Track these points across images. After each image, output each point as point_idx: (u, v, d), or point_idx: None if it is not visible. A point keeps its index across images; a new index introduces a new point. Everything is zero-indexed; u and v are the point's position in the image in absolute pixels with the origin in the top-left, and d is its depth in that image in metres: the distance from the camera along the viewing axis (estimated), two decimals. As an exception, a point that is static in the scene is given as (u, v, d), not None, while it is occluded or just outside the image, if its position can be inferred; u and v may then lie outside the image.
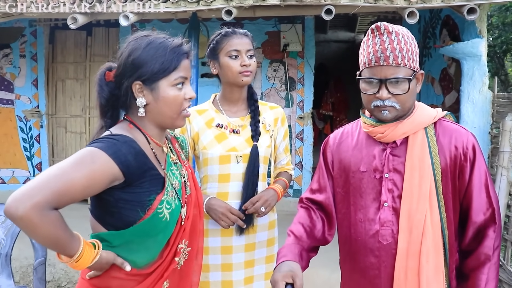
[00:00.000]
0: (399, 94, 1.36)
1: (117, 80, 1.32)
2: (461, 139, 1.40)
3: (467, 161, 1.38)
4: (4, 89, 5.91)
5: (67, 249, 1.18)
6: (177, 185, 1.38)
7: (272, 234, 2.03)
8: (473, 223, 1.38)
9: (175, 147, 1.52)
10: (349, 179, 1.50)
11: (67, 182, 1.13)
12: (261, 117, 1.99)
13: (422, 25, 5.19)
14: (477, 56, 3.61)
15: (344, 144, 1.55)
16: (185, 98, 1.33)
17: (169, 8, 3.21)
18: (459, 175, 1.39)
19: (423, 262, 1.36)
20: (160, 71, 1.28)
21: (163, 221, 1.30)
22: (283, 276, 1.32)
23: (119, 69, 1.32)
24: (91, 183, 1.17)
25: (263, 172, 1.98)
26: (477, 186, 1.38)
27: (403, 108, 1.39)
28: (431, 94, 4.90)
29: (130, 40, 1.34)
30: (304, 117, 5.62)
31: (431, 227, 1.37)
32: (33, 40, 5.84)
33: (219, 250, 1.93)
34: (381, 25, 1.38)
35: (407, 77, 1.35)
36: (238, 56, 1.88)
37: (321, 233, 1.56)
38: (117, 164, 1.20)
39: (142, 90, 1.30)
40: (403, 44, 1.35)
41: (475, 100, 3.68)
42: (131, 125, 1.33)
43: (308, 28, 5.56)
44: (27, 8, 3.24)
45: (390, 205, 1.42)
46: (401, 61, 1.34)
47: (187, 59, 1.35)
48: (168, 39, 1.33)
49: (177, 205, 1.35)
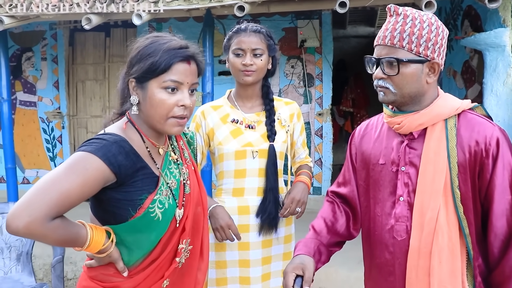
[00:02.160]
0: (392, 76, 1.31)
1: (124, 76, 1.34)
2: (484, 134, 1.29)
3: (488, 158, 1.27)
4: (27, 91, 6.04)
5: (77, 243, 1.23)
6: (175, 184, 1.36)
7: (289, 230, 2.02)
8: (494, 228, 1.27)
9: (179, 144, 1.50)
10: (369, 171, 1.48)
11: (63, 193, 1.15)
12: (277, 112, 1.99)
13: (443, 17, 5.05)
14: (501, 47, 3.47)
15: (368, 136, 1.53)
16: (177, 104, 1.27)
17: (181, 6, 3.20)
18: (480, 173, 1.29)
19: (434, 262, 1.29)
20: (148, 70, 1.25)
21: (155, 220, 1.29)
22: (294, 268, 1.35)
23: (125, 65, 1.33)
24: (86, 189, 1.19)
25: (279, 167, 1.97)
26: (499, 187, 1.26)
27: (401, 93, 1.33)
28: (453, 88, 4.76)
29: (140, 38, 1.34)
30: (323, 113, 5.55)
31: (447, 226, 1.30)
32: (53, 43, 5.95)
33: (236, 246, 1.92)
34: (392, 6, 1.34)
35: (397, 58, 1.29)
36: (241, 54, 1.87)
37: (344, 227, 1.54)
38: (108, 166, 1.20)
39: (136, 88, 1.29)
40: (408, 27, 1.30)
41: (499, 92, 3.54)
42: (127, 122, 1.33)
43: (326, 23, 5.48)
44: (43, 10, 3.28)
45: (405, 199, 1.37)
46: (398, 42, 1.30)
47: (186, 63, 1.28)
48: (171, 41, 1.29)
49: (171, 205, 1.33)
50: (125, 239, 1.29)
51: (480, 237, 1.33)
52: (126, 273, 1.31)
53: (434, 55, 1.31)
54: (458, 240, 1.30)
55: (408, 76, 1.31)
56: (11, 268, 2.89)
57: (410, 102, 1.36)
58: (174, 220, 1.34)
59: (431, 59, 1.31)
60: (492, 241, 1.28)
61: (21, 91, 6.05)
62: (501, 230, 1.27)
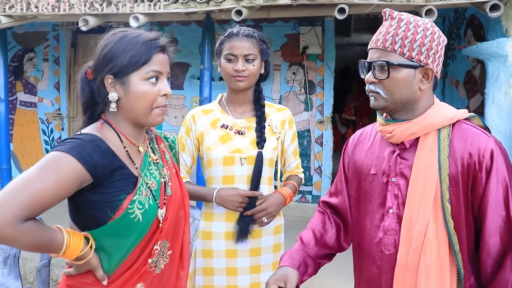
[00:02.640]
0: (383, 80, 1.27)
1: (93, 76, 1.30)
2: (478, 145, 1.22)
3: (482, 171, 1.21)
4: (28, 92, 6.04)
5: (52, 248, 1.17)
6: (155, 185, 1.33)
7: (278, 239, 1.97)
8: (486, 245, 1.21)
9: (159, 146, 1.47)
10: (361, 182, 1.43)
11: (35, 193, 1.10)
12: (268, 119, 1.94)
13: (446, 26, 5.00)
14: (503, 57, 3.41)
15: (361, 145, 1.48)
16: (160, 94, 1.28)
17: (179, 9, 3.17)
18: (473, 187, 1.23)
19: (421, 279, 1.23)
20: (129, 64, 1.24)
21: (135, 222, 1.25)
22: (276, 279, 1.33)
23: (94, 64, 1.30)
24: (60, 190, 1.15)
25: (269, 175, 1.92)
26: (493, 202, 1.20)
27: (392, 98, 1.28)
28: (455, 98, 4.70)
29: (106, 36, 1.31)
30: (324, 121, 5.49)
31: (436, 242, 1.24)
32: (55, 44, 5.96)
33: (223, 253, 1.88)
34: (387, 10, 1.31)
35: (387, 61, 1.25)
36: (233, 60, 1.83)
37: (334, 239, 1.50)
38: (83, 165, 1.16)
39: (114, 84, 1.26)
40: (402, 31, 1.25)
41: (501, 103, 3.47)
42: (103, 123, 1.30)
43: (328, 30, 5.45)
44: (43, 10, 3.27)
45: (394, 212, 1.32)
46: (389, 45, 1.26)
47: (162, 53, 1.30)
48: (142, 34, 1.29)
49: (152, 206, 1.30)
50: (104, 243, 1.25)
51: (473, 255, 1.27)
52: (106, 282, 1.26)
53: (428, 60, 1.26)
54: (447, 257, 1.25)
55: (399, 81, 1.26)
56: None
57: (402, 109, 1.30)
58: (156, 220, 1.31)
59: (424, 64, 1.26)
60: (485, 259, 1.22)
61: (22, 92, 6.05)
62: (494, 248, 1.21)
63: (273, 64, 5.56)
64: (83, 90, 1.32)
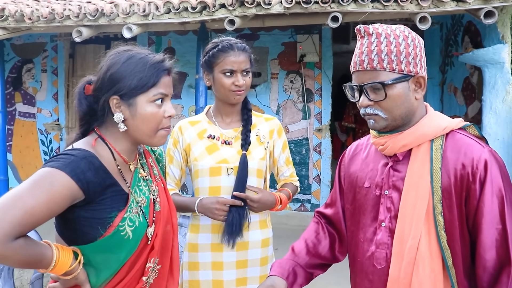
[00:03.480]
0: (380, 101, 1.21)
1: (95, 94, 1.28)
2: (471, 156, 1.18)
3: (475, 183, 1.17)
4: (27, 103, 6.05)
5: (41, 264, 1.15)
6: (144, 202, 1.32)
7: (266, 252, 1.93)
8: (482, 260, 1.17)
9: (148, 161, 1.45)
10: (356, 194, 1.39)
11: (27, 211, 1.08)
12: (256, 128, 1.92)
13: (444, 32, 4.98)
14: (500, 63, 3.39)
15: (356, 157, 1.44)
16: (165, 116, 1.27)
17: (172, 19, 3.16)
18: (467, 199, 1.18)
19: None
20: (138, 86, 1.23)
21: (125, 239, 1.24)
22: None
23: (98, 83, 1.27)
24: (52, 207, 1.12)
25: (258, 185, 1.88)
26: (488, 215, 1.16)
27: (392, 116, 1.23)
28: (453, 105, 4.67)
29: (110, 54, 1.29)
30: (322, 129, 5.47)
31: (429, 256, 1.19)
32: (54, 55, 5.98)
33: (209, 265, 1.85)
34: (361, 27, 1.24)
35: (381, 82, 1.19)
36: (232, 74, 1.80)
37: (327, 249, 1.48)
38: (76, 183, 1.15)
39: (120, 105, 1.25)
40: (384, 46, 1.20)
41: (498, 110, 3.44)
42: (97, 139, 1.28)
43: (326, 38, 5.44)
44: (34, 23, 3.27)
45: (387, 225, 1.28)
46: (377, 64, 1.20)
47: (168, 75, 1.29)
48: (149, 55, 1.28)
49: (142, 223, 1.29)
50: (93, 259, 1.23)
51: (469, 269, 1.22)
52: None
53: (417, 69, 1.22)
54: (441, 272, 1.20)
55: (396, 98, 1.21)
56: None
57: (402, 123, 1.26)
58: (145, 238, 1.30)
59: (415, 74, 1.22)
60: (481, 274, 1.17)
61: (21, 103, 6.06)
62: (490, 263, 1.16)
63: (271, 73, 5.56)
64: (80, 104, 1.30)
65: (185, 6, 3.12)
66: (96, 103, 1.27)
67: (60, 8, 3.25)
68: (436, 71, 5.18)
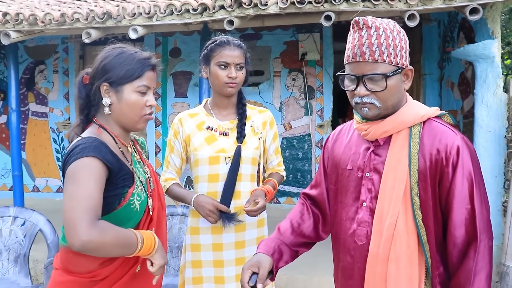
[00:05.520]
0: (378, 91, 1.29)
1: (91, 81, 1.49)
2: (445, 142, 1.29)
3: (448, 166, 1.27)
4: (39, 102, 6.28)
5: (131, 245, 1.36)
6: (143, 180, 1.55)
7: (262, 232, 2.10)
8: (452, 237, 1.28)
9: (137, 147, 1.67)
10: (338, 176, 1.50)
11: (87, 197, 1.30)
12: (250, 120, 2.08)
13: (441, 29, 5.10)
14: (490, 58, 3.50)
15: (340, 141, 1.55)
16: (146, 104, 1.50)
17: (174, 20, 3.34)
18: (440, 182, 1.29)
19: (392, 268, 1.30)
20: (125, 76, 1.45)
21: (134, 211, 1.46)
22: (250, 265, 1.41)
23: (92, 72, 1.49)
24: (100, 187, 1.34)
25: (251, 173, 2.05)
26: (458, 196, 1.26)
27: (385, 106, 1.32)
28: (451, 99, 4.78)
29: (106, 49, 1.51)
30: (324, 125, 5.61)
31: (406, 233, 1.30)
32: (65, 56, 6.20)
33: (210, 247, 2.01)
34: (359, 19, 1.30)
35: (384, 74, 1.28)
36: (226, 67, 1.96)
37: (311, 229, 1.58)
38: (104, 163, 1.37)
39: (109, 91, 1.46)
40: (383, 39, 1.27)
41: (490, 103, 3.56)
42: (100, 129, 1.49)
43: (326, 36, 5.58)
44: (46, 26, 3.47)
45: (368, 205, 1.39)
46: (379, 56, 1.28)
47: (152, 71, 1.51)
48: (138, 52, 1.51)
49: (145, 197, 1.51)
50: None
51: (442, 246, 1.32)
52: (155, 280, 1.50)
53: (407, 62, 1.32)
54: (416, 248, 1.31)
55: (393, 89, 1.30)
56: (8, 269, 3.01)
57: (392, 112, 1.35)
58: (147, 210, 1.52)
59: (405, 66, 1.32)
60: (451, 250, 1.28)
61: (34, 102, 6.29)
62: (459, 240, 1.27)
63: (274, 71, 5.72)
64: (80, 93, 1.53)
65: (186, 8, 3.30)
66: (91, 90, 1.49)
67: (70, 11, 3.46)
68: (435, 67, 5.30)
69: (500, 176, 3.57)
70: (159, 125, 6.00)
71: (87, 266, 1.44)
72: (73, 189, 1.31)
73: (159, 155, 6.02)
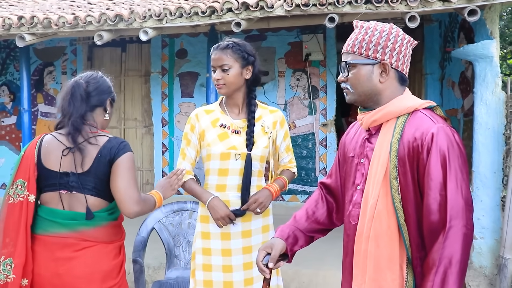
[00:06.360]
0: (349, 78, 1.49)
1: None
2: (422, 130, 1.38)
3: (423, 153, 1.35)
4: (48, 103, 6.42)
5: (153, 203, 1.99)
6: None
7: (267, 221, 2.24)
8: (426, 221, 1.35)
9: None
10: (345, 164, 1.64)
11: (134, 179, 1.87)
12: (261, 120, 2.20)
13: (443, 29, 5.21)
14: (489, 58, 3.61)
15: (350, 133, 1.68)
16: None
17: (184, 23, 3.47)
18: (418, 167, 1.38)
19: (372, 246, 1.40)
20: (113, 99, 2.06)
21: None
22: (265, 247, 1.58)
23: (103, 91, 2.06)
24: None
25: (259, 169, 2.19)
26: (432, 182, 1.33)
27: (356, 92, 1.48)
28: (452, 98, 4.89)
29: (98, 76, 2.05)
30: (327, 124, 5.73)
31: (386, 214, 1.40)
32: (73, 58, 6.33)
33: (219, 236, 2.16)
34: (357, 22, 1.52)
35: (349, 62, 1.46)
36: (215, 71, 2.13)
37: (325, 216, 1.70)
38: None
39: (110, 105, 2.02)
40: (362, 35, 1.45)
41: (488, 101, 3.67)
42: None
43: (330, 37, 5.70)
44: (60, 28, 3.60)
45: (361, 188, 1.51)
46: (350, 48, 1.47)
47: None
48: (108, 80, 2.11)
49: None
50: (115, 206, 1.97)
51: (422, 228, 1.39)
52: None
53: (385, 57, 1.43)
54: (396, 229, 1.39)
55: (360, 77, 1.46)
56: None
57: (368, 100, 1.48)
58: None
59: (380, 60, 1.43)
60: (426, 234, 1.35)
61: (43, 103, 6.43)
62: (433, 226, 1.33)
63: (278, 71, 5.85)
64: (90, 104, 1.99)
65: (195, 11, 3.43)
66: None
67: (83, 14, 3.59)
68: (436, 66, 5.41)
69: (499, 172, 3.68)
70: (165, 124, 6.13)
71: (121, 233, 1.99)
72: (129, 174, 1.84)
73: (166, 154, 6.15)
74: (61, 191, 1.86)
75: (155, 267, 4.11)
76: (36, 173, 1.86)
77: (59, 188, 1.86)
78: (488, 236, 3.71)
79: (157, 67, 6.14)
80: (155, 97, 6.14)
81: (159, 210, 3.04)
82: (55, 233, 1.82)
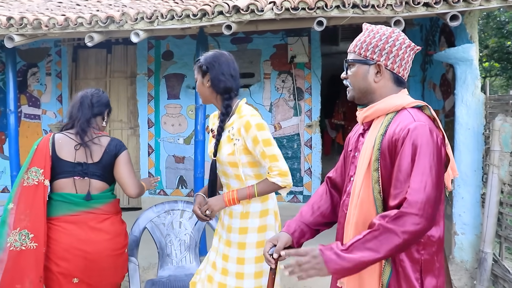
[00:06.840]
0: (349, 75, 1.61)
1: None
2: (401, 126, 1.45)
3: (398, 147, 1.44)
4: (32, 105, 6.36)
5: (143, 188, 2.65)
6: None
7: (245, 223, 2.21)
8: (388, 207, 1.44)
9: None
10: (346, 157, 1.77)
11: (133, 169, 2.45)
12: (231, 126, 2.18)
13: (424, 33, 5.37)
14: (469, 61, 3.77)
15: (354, 129, 1.79)
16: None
17: (175, 25, 3.51)
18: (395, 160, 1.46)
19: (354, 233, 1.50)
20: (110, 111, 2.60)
21: None
22: (271, 239, 1.73)
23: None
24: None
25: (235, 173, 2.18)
26: (400, 173, 1.42)
27: (354, 89, 1.60)
28: (433, 100, 5.05)
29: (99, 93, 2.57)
30: (312, 125, 5.84)
31: (367, 203, 1.49)
32: (57, 59, 6.29)
33: None
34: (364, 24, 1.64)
35: (348, 60, 1.59)
36: None
37: (329, 210, 1.81)
38: None
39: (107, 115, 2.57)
40: (363, 36, 1.58)
41: (469, 102, 3.83)
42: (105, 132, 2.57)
43: (314, 40, 5.82)
44: (50, 30, 3.60)
45: (354, 179, 1.62)
46: (353, 48, 1.60)
47: None
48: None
49: None
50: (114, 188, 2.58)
51: None
52: None
53: (381, 58, 1.53)
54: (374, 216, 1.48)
55: (356, 75, 1.58)
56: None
57: (364, 97, 1.59)
58: None
59: (376, 61, 1.54)
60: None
61: (26, 105, 6.36)
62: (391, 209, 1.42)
63: (264, 73, 5.93)
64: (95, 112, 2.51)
65: (187, 13, 3.48)
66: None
67: (73, 16, 3.59)
68: (418, 69, 5.58)
69: (479, 170, 3.84)
70: (152, 126, 6.14)
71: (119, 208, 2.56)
72: (129, 166, 2.44)
73: (152, 155, 6.16)
74: (75, 177, 2.34)
75: (144, 267, 4.13)
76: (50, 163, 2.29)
77: (74, 175, 2.33)
78: (469, 231, 3.87)
79: (143, 68, 6.15)
80: (141, 99, 6.15)
81: (151, 209, 3.08)
82: (77, 211, 2.33)
